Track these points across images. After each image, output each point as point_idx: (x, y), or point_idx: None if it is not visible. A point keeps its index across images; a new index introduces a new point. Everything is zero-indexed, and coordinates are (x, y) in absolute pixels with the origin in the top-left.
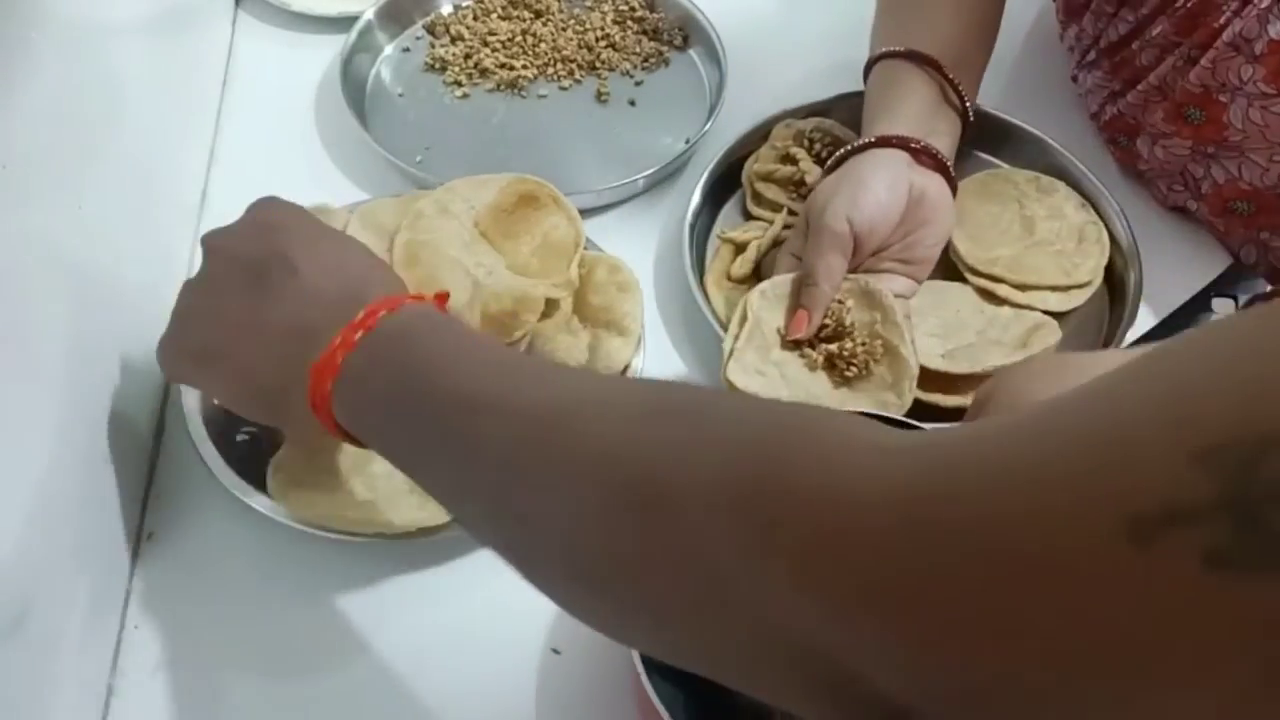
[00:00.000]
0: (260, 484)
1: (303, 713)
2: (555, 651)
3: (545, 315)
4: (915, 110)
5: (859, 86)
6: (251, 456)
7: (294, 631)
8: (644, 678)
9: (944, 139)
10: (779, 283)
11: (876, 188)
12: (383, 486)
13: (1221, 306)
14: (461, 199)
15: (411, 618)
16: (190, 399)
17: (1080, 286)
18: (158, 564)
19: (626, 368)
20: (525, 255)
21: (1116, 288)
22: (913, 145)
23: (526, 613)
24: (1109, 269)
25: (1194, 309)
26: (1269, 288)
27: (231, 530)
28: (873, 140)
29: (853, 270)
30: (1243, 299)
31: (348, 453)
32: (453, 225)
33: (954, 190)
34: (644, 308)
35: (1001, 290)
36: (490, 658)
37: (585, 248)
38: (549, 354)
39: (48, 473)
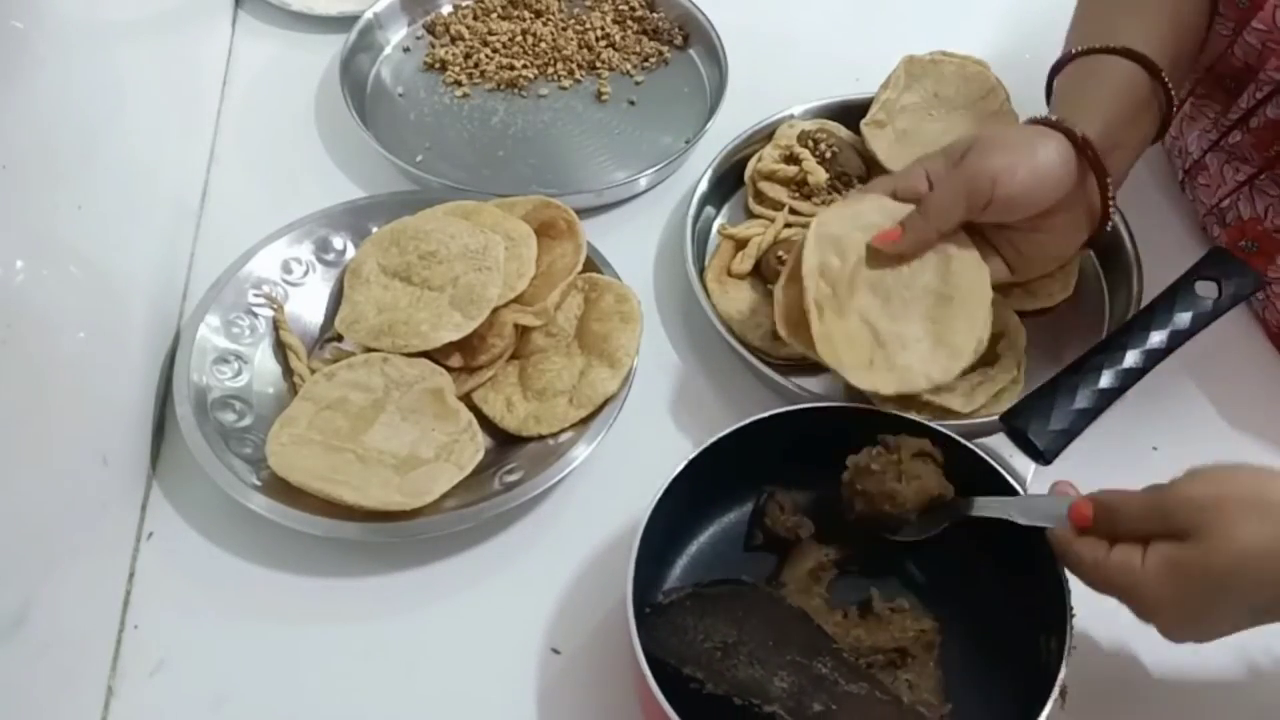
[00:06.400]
0: (259, 488)
1: (302, 712)
2: (555, 651)
3: (526, 336)
4: (1114, 113)
5: (860, 87)
6: (249, 459)
7: (293, 631)
8: (649, 678)
9: (1127, 154)
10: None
11: (1045, 170)
12: (371, 457)
13: (1205, 290)
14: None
15: (411, 617)
16: (186, 402)
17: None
18: (158, 564)
19: (609, 400)
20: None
21: (1117, 291)
22: (1101, 171)
23: (526, 612)
24: (1110, 272)
25: (1178, 293)
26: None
27: (230, 530)
28: (1074, 134)
29: (975, 223)
30: (1226, 284)
31: (350, 415)
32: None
33: (1099, 232)
34: (640, 342)
35: (1014, 298)
36: (490, 658)
37: (594, 267)
38: (541, 373)
39: (48, 472)
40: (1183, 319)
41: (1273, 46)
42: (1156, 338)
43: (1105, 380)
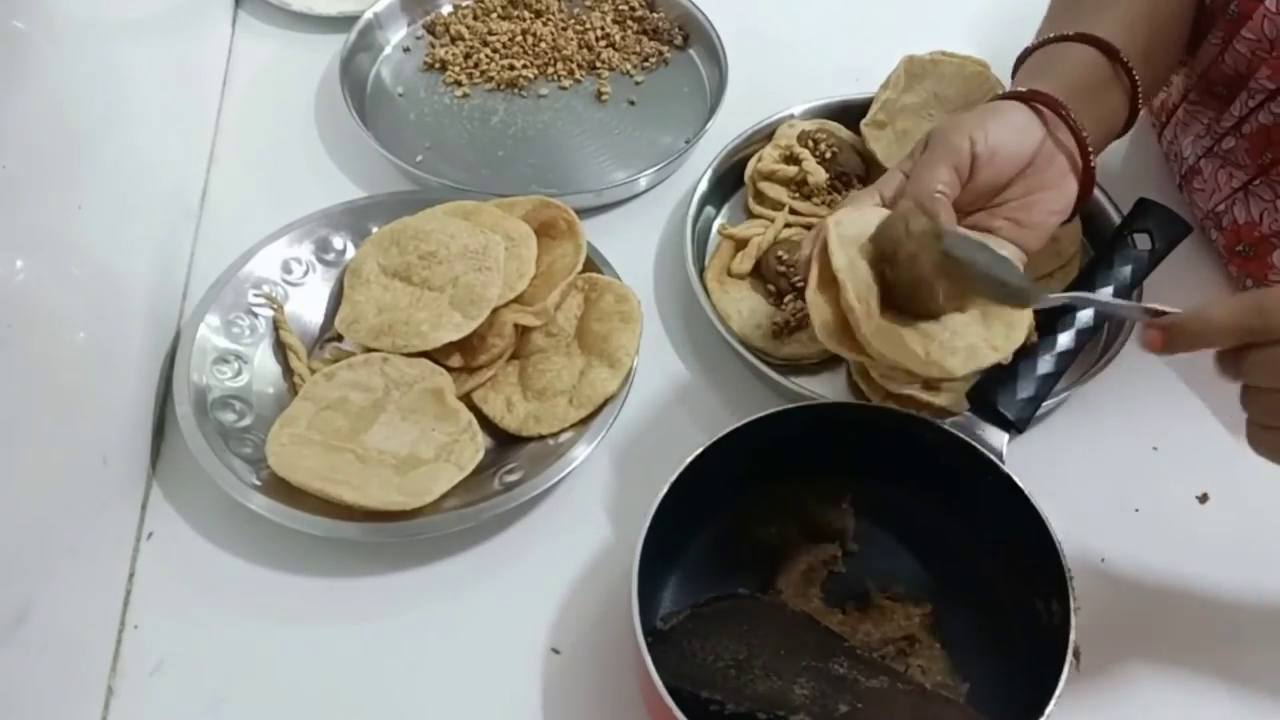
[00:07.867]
0: (259, 488)
1: (302, 712)
2: (555, 651)
3: (528, 336)
4: (1067, 87)
5: (860, 87)
6: (249, 459)
7: (293, 632)
8: (654, 676)
9: (1092, 124)
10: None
11: (1009, 121)
12: (371, 457)
13: (1140, 242)
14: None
15: (411, 617)
16: (186, 402)
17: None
18: (158, 564)
19: (608, 400)
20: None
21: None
22: (1061, 110)
23: (526, 612)
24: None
25: (1115, 248)
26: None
27: (230, 530)
28: (1021, 92)
29: (965, 217)
30: (1158, 234)
31: (350, 415)
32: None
33: (1090, 177)
34: (640, 342)
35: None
36: (490, 658)
37: (594, 267)
38: (541, 373)
39: (48, 473)
40: (1123, 272)
41: (1262, 55)
42: (1103, 294)
43: (1062, 342)
